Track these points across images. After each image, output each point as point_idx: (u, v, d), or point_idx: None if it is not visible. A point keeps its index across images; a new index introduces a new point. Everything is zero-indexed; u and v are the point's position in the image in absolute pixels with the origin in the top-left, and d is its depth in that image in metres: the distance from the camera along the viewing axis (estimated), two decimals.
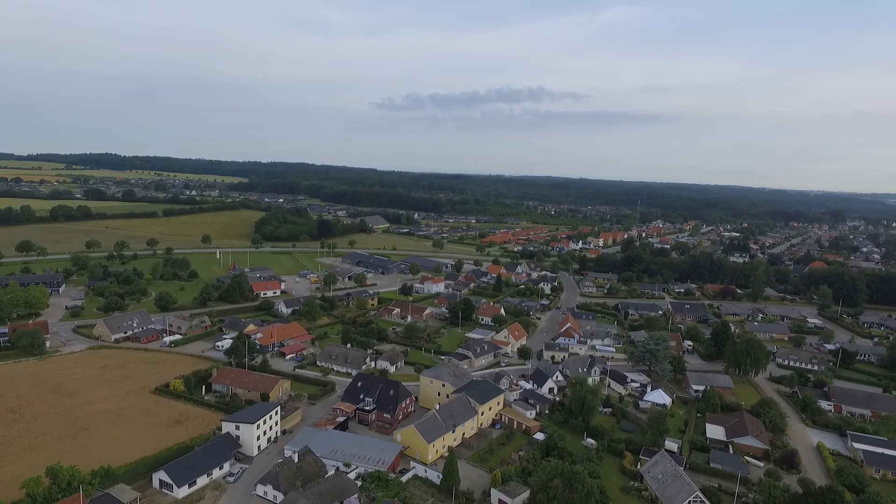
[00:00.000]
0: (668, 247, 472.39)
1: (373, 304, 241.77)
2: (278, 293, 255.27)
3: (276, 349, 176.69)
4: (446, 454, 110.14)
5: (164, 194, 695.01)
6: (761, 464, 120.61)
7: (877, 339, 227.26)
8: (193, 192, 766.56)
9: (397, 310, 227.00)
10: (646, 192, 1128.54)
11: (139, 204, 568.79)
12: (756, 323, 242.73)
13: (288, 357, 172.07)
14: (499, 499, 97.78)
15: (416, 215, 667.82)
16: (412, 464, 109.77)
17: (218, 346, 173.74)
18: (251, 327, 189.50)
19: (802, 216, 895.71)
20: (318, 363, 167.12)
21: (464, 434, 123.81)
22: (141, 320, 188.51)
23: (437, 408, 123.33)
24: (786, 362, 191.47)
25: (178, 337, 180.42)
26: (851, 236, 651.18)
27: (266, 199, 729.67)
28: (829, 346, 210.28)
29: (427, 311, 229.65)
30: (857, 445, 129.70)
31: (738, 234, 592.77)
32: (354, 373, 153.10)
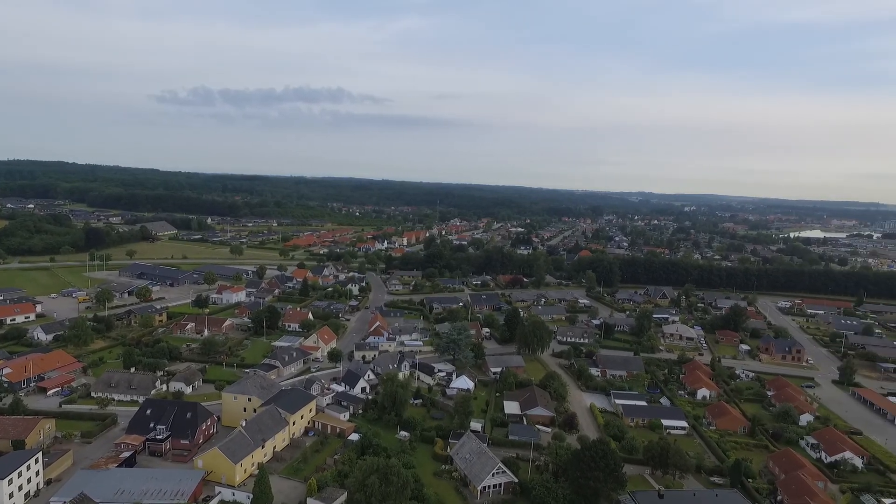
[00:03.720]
0: (466, 243, 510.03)
1: (161, 321, 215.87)
2: (32, 317, 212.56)
3: (33, 385, 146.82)
4: (256, 472, 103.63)
5: None
6: (549, 429, 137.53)
7: (628, 313, 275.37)
8: None
9: (192, 324, 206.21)
10: (444, 192, 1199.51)
11: None
12: (540, 307, 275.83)
13: (51, 392, 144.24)
14: None
15: (209, 220, 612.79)
16: (217, 489, 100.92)
17: None
18: None
19: (571, 212, 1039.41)
20: (93, 394, 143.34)
21: (275, 447, 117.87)
22: None
23: (244, 424, 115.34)
24: (564, 338, 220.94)
25: None
26: (607, 228, 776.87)
27: (9, 205, 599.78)
28: (596, 321, 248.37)
29: (227, 322, 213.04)
30: (617, 402, 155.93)
31: (522, 230, 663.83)
32: (142, 399, 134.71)
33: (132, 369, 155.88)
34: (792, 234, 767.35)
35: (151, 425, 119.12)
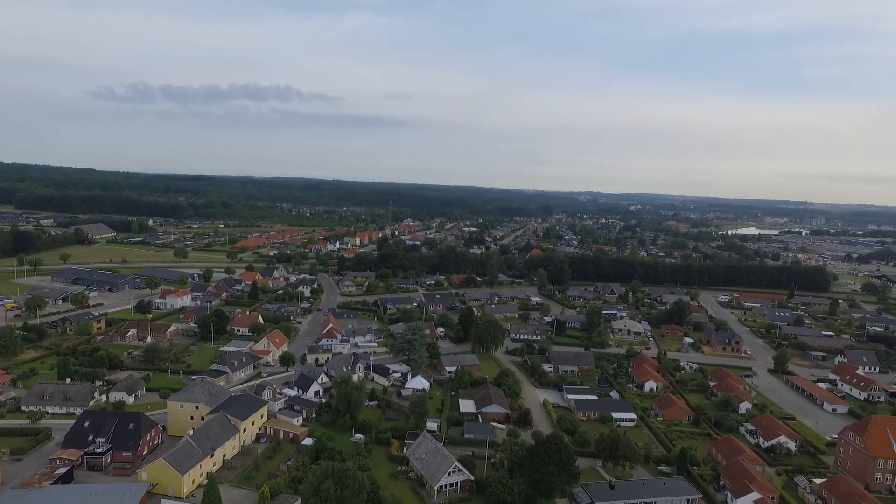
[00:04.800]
0: (419, 243, 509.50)
1: (99, 328, 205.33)
2: None
3: None
4: (205, 482, 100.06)
5: None
6: (504, 426, 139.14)
7: (578, 309, 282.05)
8: None
9: (133, 331, 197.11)
10: (396, 192, 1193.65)
11: None
12: (493, 305, 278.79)
13: None
14: None
15: (150, 222, 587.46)
16: (164, 502, 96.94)
17: None
18: None
19: (523, 211, 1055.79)
20: (23, 408, 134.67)
21: (225, 456, 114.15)
22: None
23: (191, 433, 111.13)
24: (517, 336, 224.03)
25: None
26: (557, 227, 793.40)
27: None
28: (547, 318, 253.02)
29: (172, 328, 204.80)
30: (570, 397, 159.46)
31: (475, 229, 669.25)
32: (79, 411, 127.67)
33: (68, 380, 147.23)
34: (730, 232, 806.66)
35: (90, 438, 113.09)
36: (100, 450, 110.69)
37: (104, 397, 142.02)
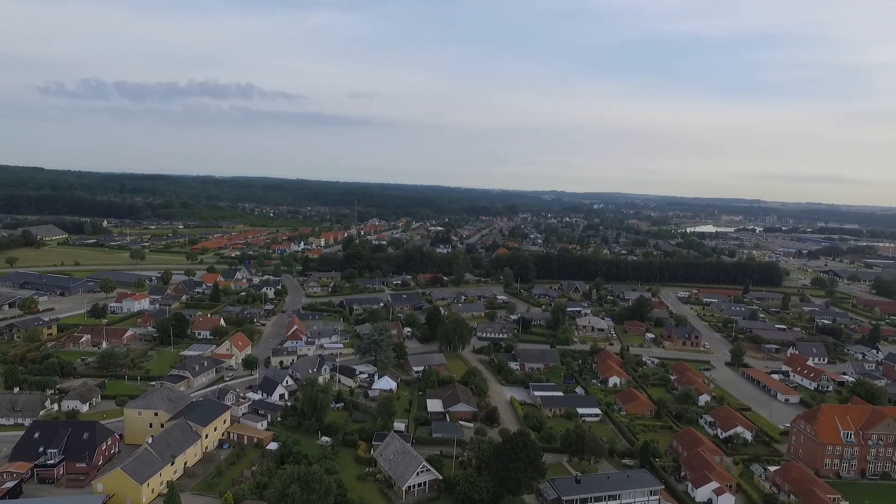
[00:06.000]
0: (385, 243, 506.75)
1: (50, 334, 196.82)
2: None
3: None
4: (166, 491, 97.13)
5: None
6: (471, 425, 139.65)
7: (544, 307, 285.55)
8: None
9: (87, 336, 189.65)
10: (362, 192, 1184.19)
11: None
12: (460, 304, 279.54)
13: None
14: None
15: (105, 223, 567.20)
16: None
17: None
18: None
19: (488, 211, 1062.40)
20: None
21: (186, 463, 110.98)
22: None
23: (150, 441, 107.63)
24: (484, 334, 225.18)
25: None
26: (523, 226, 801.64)
27: None
28: (514, 317, 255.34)
29: (128, 332, 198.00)
30: (536, 394, 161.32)
31: (441, 229, 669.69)
32: (29, 422, 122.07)
33: (16, 389, 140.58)
34: (688, 230, 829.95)
35: (41, 450, 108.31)
36: (51, 461, 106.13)
37: (56, 406, 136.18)
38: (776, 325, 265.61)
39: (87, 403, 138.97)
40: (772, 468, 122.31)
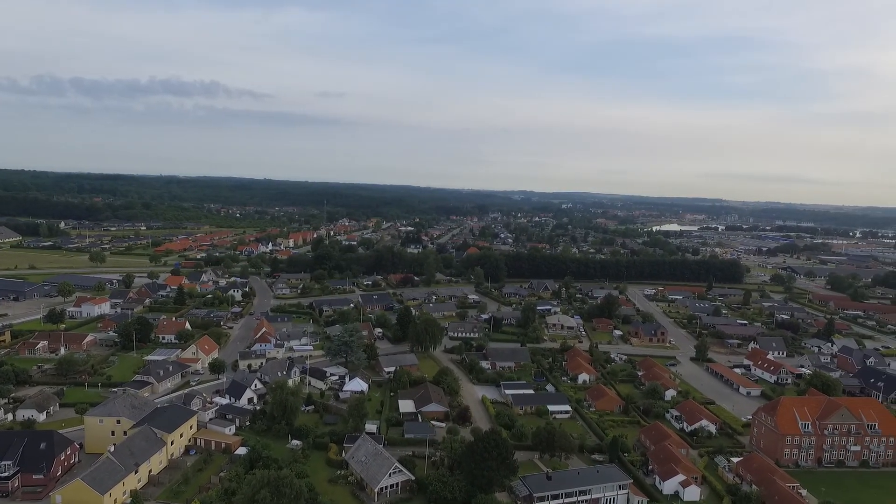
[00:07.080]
0: (355, 243, 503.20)
1: (4, 341, 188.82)
2: None
3: None
4: (129, 501, 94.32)
5: None
6: (444, 424, 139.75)
7: (514, 306, 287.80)
8: None
9: (44, 342, 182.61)
10: (331, 192, 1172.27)
11: None
12: (431, 304, 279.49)
13: None
14: None
15: (62, 224, 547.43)
16: None
17: None
18: None
19: (459, 211, 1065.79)
20: None
21: (150, 471, 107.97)
22: None
23: (112, 449, 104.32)
24: (455, 334, 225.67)
25: None
26: (493, 226, 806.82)
27: None
28: (485, 316, 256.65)
29: (88, 338, 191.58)
30: (507, 392, 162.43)
31: (412, 228, 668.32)
32: None
33: None
34: (654, 228, 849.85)
35: None
36: (5, 474, 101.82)
37: (10, 416, 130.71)
38: (738, 321, 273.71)
39: (45, 412, 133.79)
40: (735, 459, 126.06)
